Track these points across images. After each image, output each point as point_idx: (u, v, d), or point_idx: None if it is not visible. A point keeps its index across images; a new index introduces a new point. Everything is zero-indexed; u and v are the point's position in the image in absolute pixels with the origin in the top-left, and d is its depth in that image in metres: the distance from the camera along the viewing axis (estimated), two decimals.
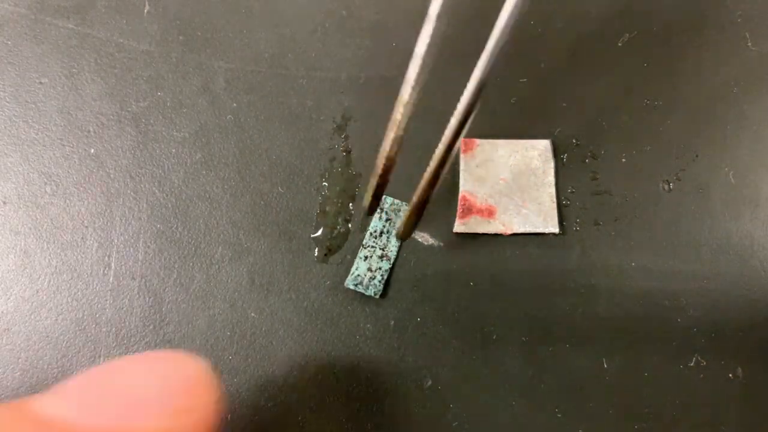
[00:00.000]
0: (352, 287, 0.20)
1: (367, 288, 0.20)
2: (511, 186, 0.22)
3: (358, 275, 0.21)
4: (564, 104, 0.22)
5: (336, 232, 0.21)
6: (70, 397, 0.15)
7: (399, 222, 0.21)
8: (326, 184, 0.22)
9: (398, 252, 0.21)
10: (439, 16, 0.16)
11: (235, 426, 0.20)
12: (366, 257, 0.21)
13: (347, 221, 0.21)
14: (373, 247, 0.21)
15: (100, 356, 0.20)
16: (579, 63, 0.23)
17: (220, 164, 0.22)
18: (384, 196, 0.21)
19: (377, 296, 0.21)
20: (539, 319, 0.21)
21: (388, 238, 0.21)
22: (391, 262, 0.21)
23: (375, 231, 0.21)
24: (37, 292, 0.21)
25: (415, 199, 0.18)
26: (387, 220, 0.21)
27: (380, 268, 0.21)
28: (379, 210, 0.21)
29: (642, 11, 0.23)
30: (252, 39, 0.23)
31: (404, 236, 0.20)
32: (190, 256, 0.21)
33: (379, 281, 0.21)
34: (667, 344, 0.20)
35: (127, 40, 0.23)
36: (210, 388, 0.16)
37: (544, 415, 0.20)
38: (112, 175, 0.22)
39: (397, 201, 0.21)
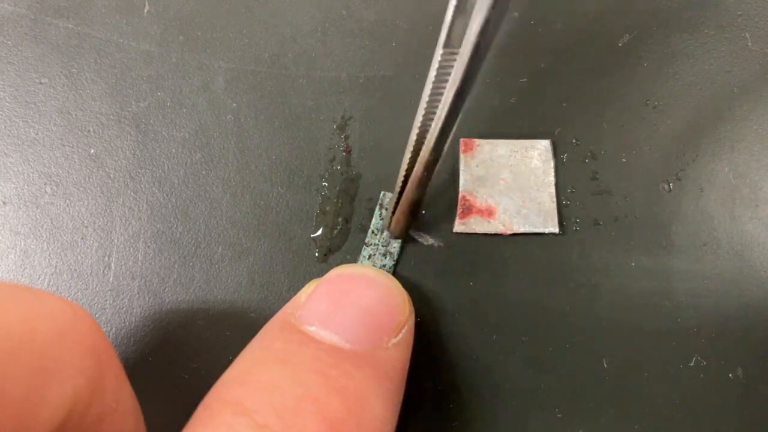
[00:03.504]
0: None
1: None
2: (511, 186, 0.22)
3: None
4: (564, 104, 0.22)
5: (336, 232, 0.21)
6: (329, 321, 0.16)
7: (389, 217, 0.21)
8: (326, 184, 0.22)
9: (401, 248, 0.21)
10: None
11: None
12: (370, 255, 0.21)
13: (347, 221, 0.21)
14: (375, 245, 0.21)
15: None
16: (579, 63, 0.23)
17: (220, 164, 0.22)
18: (383, 192, 0.21)
19: None
20: (539, 319, 0.21)
21: (390, 234, 0.21)
22: (395, 258, 0.21)
23: (376, 229, 0.21)
24: None
25: (404, 196, 0.18)
26: (387, 216, 0.21)
27: (384, 266, 0.21)
28: (378, 206, 0.21)
29: (642, 11, 0.23)
30: (252, 39, 0.23)
31: (397, 233, 0.20)
32: (190, 256, 0.21)
33: None
34: (667, 344, 0.20)
35: (127, 40, 0.23)
36: (409, 302, 0.18)
37: (544, 415, 0.20)
38: (112, 175, 0.22)
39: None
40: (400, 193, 0.18)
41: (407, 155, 0.17)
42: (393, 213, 0.19)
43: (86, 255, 0.21)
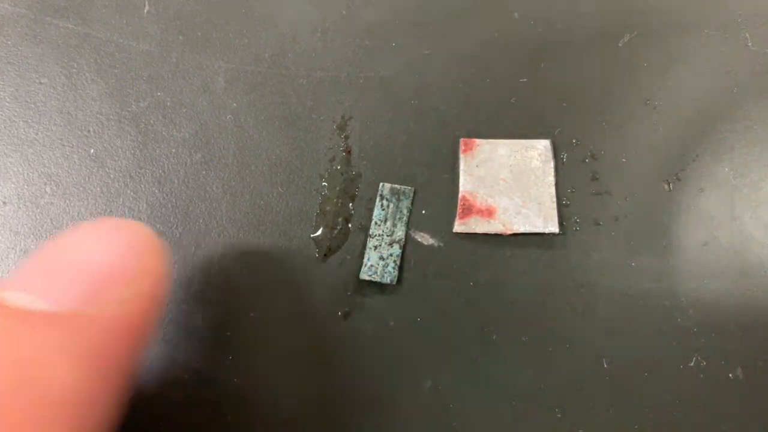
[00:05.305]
0: (367, 278, 0.20)
1: (383, 276, 0.20)
2: (511, 186, 0.22)
3: (372, 265, 0.21)
4: (564, 104, 0.22)
5: (336, 232, 0.21)
6: (32, 284, 0.15)
7: (402, 205, 0.21)
8: (326, 184, 0.22)
9: (406, 236, 0.21)
10: None
11: (241, 425, 0.20)
12: (375, 246, 0.21)
13: (347, 221, 0.21)
14: (380, 235, 0.21)
15: None
16: (579, 63, 0.23)
17: (220, 164, 0.22)
18: (381, 183, 0.21)
19: (393, 283, 0.20)
20: (539, 319, 0.21)
21: (393, 223, 0.21)
22: (401, 246, 0.21)
23: (379, 219, 0.21)
24: None
25: None
26: (388, 206, 0.21)
27: (391, 255, 0.21)
28: (379, 197, 0.21)
29: (642, 11, 0.23)
30: (252, 39, 0.23)
31: None
32: (190, 256, 0.21)
33: (393, 267, 0.21)
34: (667, 344, 0.20)
35: (127, 40, 0.23)
36: (158, 253, 0.17)
37: (544, 415, 0.20)
38: (112, 175, 0.22)
39: (395, 186, 0.21)
40: None
41: None
42: None
43: None
